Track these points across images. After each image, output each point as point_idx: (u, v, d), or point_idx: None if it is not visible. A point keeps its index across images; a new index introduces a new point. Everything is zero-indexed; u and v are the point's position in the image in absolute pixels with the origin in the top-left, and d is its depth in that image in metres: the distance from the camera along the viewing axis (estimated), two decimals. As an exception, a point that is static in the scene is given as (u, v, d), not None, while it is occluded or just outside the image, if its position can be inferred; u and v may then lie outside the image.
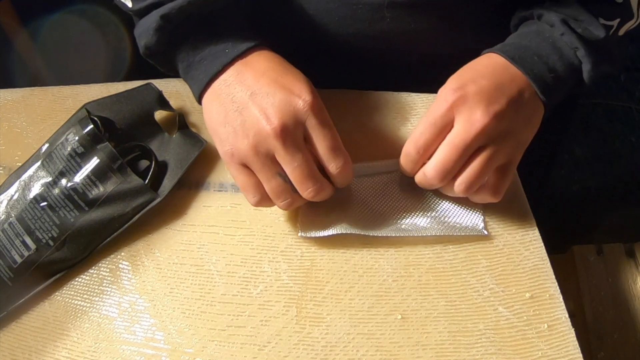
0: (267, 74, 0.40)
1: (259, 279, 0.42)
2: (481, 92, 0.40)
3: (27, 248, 0.41)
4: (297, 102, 0.38)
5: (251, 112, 0.38)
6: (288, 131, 0.38)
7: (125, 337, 0.39)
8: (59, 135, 0.44)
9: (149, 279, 0.42)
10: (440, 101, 0.40)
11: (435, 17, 0.50)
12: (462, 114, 0.39)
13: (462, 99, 0.39)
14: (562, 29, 0.43)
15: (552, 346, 0.38)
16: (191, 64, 0.43)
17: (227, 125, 0.39)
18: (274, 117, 0.37)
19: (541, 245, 0.43)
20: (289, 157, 0.38)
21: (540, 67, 0.42)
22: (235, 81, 0.40)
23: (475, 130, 0.38)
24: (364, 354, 0.38)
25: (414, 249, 0.43)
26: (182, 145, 0.47)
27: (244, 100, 0.39)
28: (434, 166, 0.40)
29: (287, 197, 0.40)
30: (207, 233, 0.44)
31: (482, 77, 0.41)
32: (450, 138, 0.39)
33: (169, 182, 0.45)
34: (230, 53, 0.41)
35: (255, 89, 0.39)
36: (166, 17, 0.41)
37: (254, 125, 0.38)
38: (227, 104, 0.40)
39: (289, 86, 0.39)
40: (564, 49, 0.43)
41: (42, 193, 0.42)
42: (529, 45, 0.43)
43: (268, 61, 0.41)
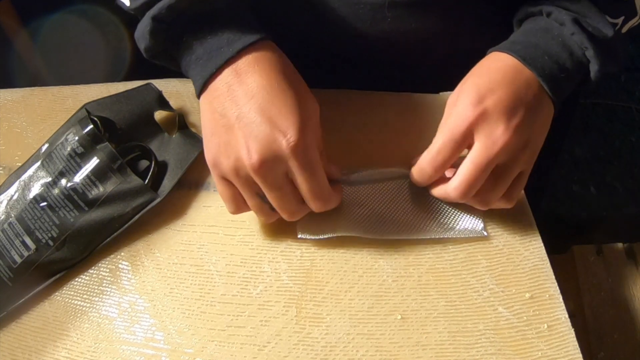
0: (258, 97, 0.38)
1: (259, 279, 0.42)
2: (501, 105, 0.39)
3: (27, 248, 0.41)
4: (280, 141, 0.36)
5: (236, 136, 0.37)
6: (267, 168, 0.37)
7: (125, 337, 0.39)
8: (59, 135, 0.44)
9: (148, 279, 0.42)
10: (458, 117, 0.39)
11: (436, 16, 0.50)
12: (484, 131, 0.39)
13: (483, 116, 0.39)
14: (572, 29, 0.42)
15: (552, 346, 0.38)
16: (189, 63, 0.41)
17: (214, 136, 0.39)
18: (255, 152, 0.36)
19: (541, 245, 0.43)
20: (267, 189, 0.38)
21: (551, 66, 0.42)
22: (226, 93, 0.38)
23: (498, 149, 0.38)
24: (363, 354, 0.38)
25: (414, 249, 0.43)
26: (182, 145, 0.47)
27: (231, 121, 0.38)
28: (457, 186, 0.39)
29: (267, 214, 0.41)
30: (207, 233, 0.44)
31: (498, 86, 0.40)
32: (473, 157, 0.39)
33: (169, 182, 0.45)
34: (224, 52, 0.39)
35: (243, 112, 0.37)
36: (157, 18, 0.39)
37: (236, 152, 0.37)
38: (217, 116, 0.39)
39: (275, 119, 0.37)
40: (573, 47, 0.43)
41: (42, 193, 0.42)
42: (538, 44, 0.43)
43: (261, 74, 0.38)
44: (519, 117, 0.39)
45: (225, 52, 0.39)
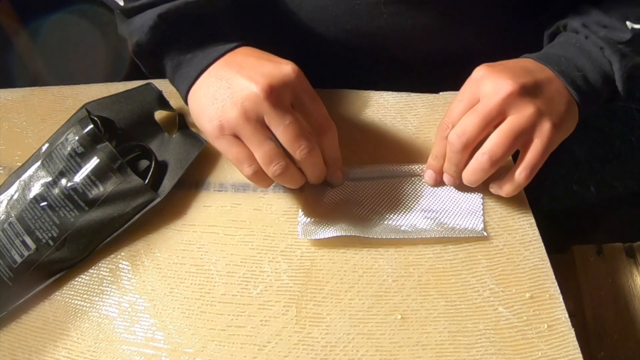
0: (255, 54, 0.42)
1: (259, 279, 0.42)
2: (506, 68, 0.41)
3: (27, 248, 0.41)
4: (285, 67, 0.39)
5: (240, 81, 0.39)
6: (277, 91, 0.38)
7: (125, 337, 0.39)
8: (59, 135, 0.44)
9: (149, 279, 0.42)
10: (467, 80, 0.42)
11: (433, 13, 0.50)
12: (487, 84, 0.40)
13: (487, 73, 0.41)
14: (585, 32, 0.44)
15: (552, 346, 0.38)
16: (181, 63, 0.44)
17: (216, 101, 0.40)
18: (263, 80, 0.38)
19: (541, 245, 0.43)
20: (279, 118, 0.38)
21: (567, 65, 0.43)
22: (223, 64, 0.41)
23: (499, 97, 0.39)
24: (364, 354, 0.38)
25: (414, 249, 0.43)
26: (182, 145, 0.47)
27: (232, 76, 0.40)
28: (454, 130, 0.41)
29: (280, 160, 0.39)
30: (207, 233, 0.44)
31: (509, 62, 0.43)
32: (477, 109, 0.41)
33: (169, 182, 0.45)
34: (220, 49, 0.43)
35: (243, 65, 0.40)
36: (163, 17, 0.42)
37: (243, 91, 0.39)
38: (215, 83, 0.40)
39: (276, 60, 0.40)
40: (591, 50, 0.44)
41: (42, 193, 0.42)
42: (555, 51, 0.45)
43: (256, 50, 0.43)
44: (525, 78, 0.41)
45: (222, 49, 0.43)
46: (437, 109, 0.50)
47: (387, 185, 0.46)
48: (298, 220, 0.44)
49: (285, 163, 0.39)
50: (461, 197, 0.45)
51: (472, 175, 0.42)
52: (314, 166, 0.41)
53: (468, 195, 0.45)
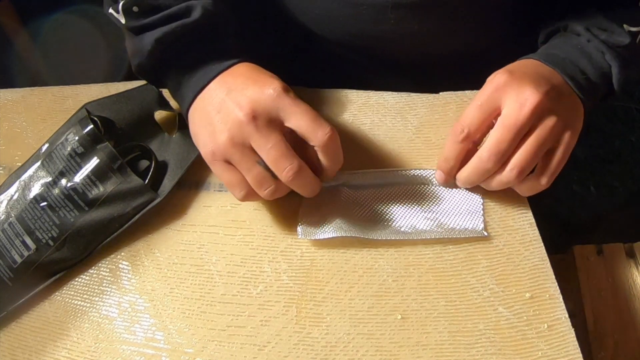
0: (244, 74, 0.42)
1: (259, 279, 0.42)
2: (526, 75, 0.41)
3: (27, 248, 0.41)
4: (267, 90, 0.39)
5: (227, 106, 0.40)
6: (260, 115, 0.39)
7: (125, 337, 0.39)
8: (59, 135, 0.44)
9: (149, 279, 0.42)
10: (486, 84, 0.41)
11: (439, 17, 0.50)
12: (511, 94, 0.40)
13: (509, 80, 0.40)
14: (587, 36, 0.44)
15: (552, 346, 0.38)
16: (180, 83, 0.44)
17: (208, 125, 0.40)
18: (246, 105, 0.39)
19: (541, 245, 0.43)
20: (263, 140, 0.38)
21: (572, 68, 0.44)
22: (216, 86, 0.42)
23: (528, 109, 0.39)
24: (364, 354, 0.38)
25: (414, 249, 0.43)
26: (182, 145, 0.47)
27: (221, 99, 0.40)
28: (488, 148, 0.40)
29: (270, 184, 0.39)
30: (207, 233, 0.44)
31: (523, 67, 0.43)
32: (503, 119, 0.40)
33: (169, 182, 0.45)
34: (216, 68, 0.43)
35: (231, 87, 0.41)
36: (161, 41, 0.43)
37: (230, 117, 0.39)
38: (208, 107, 0.41)
39: (262, 81, 0.40)
40: (592, 53, 0.44)
41: (42, 193, 0.42)
42: (558, 53, 0.45)
43: (248, 67, 0.43)
44: (545, 86, 0.40)
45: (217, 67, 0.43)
46: (437, 109, 0.50)
47: (387, 187, 0.46)
48: (298, 221, 0.44)
49: (274, 187, 0.40)
50: (461, 197, 0.45)
51: (498, 186, 0.42)
52: (303, 186, 0.41)
53: (468, 195, 0.45)
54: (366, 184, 0.45)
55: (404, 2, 0.48)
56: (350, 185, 0.45)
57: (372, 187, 0.45)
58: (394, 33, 0.51)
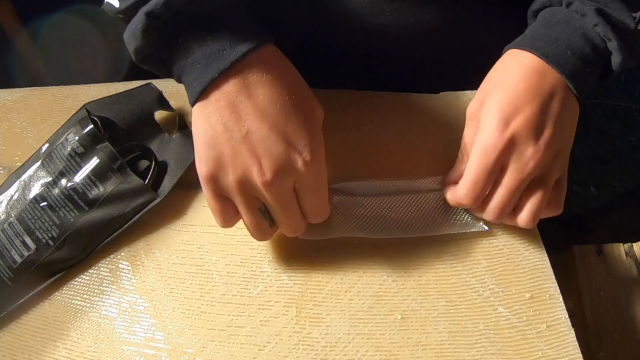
0: (270, 112, 0.35)
1: (259, 279, 0.42)
2: (528, 126, 0.38)
3: (27, 248, 0.41)
4: (296, 159, 0.35)
5: (243, 152, 0.35)
6: (279, 185, 0.35)
7: (125, 337, 0.39)
8: (59, 135, 0.44)
9: (149, 279, 0.42)
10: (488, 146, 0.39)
11: (435, 9, 0.49)
12: (514, 156, 0.39)
13: (512, 142, 0.38)
14: (595, 19, 0.40)
15: (552, 346, 0.38)
16: (184, 67, 0.37)
17: (212, 150, 0.35)
18: (268, 169, 0.35)
19: (541, 245, 0.43)
20: (275, 205, 0.37)
21: (575, 62, 0.40)
22: (231, 105, 0.35)
23: (529, 170, 0.38)
24: (364, 354, 0.38)
25: (414, 249, 0.43)
26: (182, 145, 0.47)
27: (237, 135, 0.35)
28: (493, 211, 0.40)
29: (266, 232, 0.39)
30: (207, 233, 0.44)
31: (523, 102, 0.39)
32: (505, 183, 0.39)
33: (169, 182, 0.45)
34: (226, 56, 0.35)
35: (253, 128, 0.35)
36: (152, 15, 0.35)
37: (244, 167, 0.35)
38: (218, 127, 0.35)
39: (291, 138, 0.35)
40: (595, 40, 0.41)
41: (42, 193, 0.42)
42: (559, 38, 0.41)
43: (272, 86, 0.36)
44: (548, 132, 0.39)
45: (228, 54, 0.35)
46: (437, 109, 0.50)
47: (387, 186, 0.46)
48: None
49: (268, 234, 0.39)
50: None
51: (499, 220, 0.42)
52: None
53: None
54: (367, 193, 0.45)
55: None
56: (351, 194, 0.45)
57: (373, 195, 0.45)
58: (391, 26, 0.50)
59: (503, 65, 0.42)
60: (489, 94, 0.41)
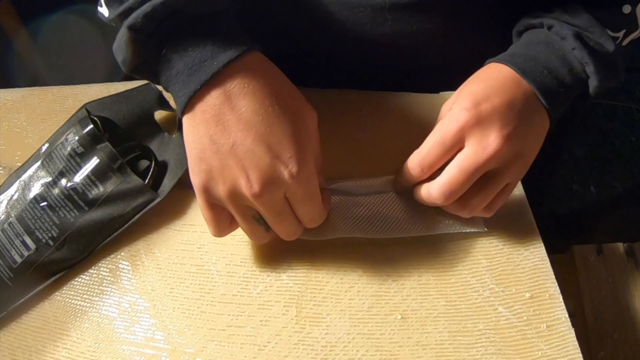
0: (253, 124, 0.35)
1: (259, 278, 0.42)
2: (494, 112, 0.39)
3: (27, 248, 0.41)
4: (282, 171, 0.35)
5: (230, 165, 0.35)
6: (268, 196, 0.35)
7: (125, 337, 0.39)
8: (59, 135, 0.44)
9: (149, 279, 0.42)
10: (451, 120, 0.39)
11: (437, 18, 0.49)
12: (474, 136, 0.38)
13: (475, 120, 0.38)
14: (574, 44, 0.42)
15: (552, 346, 0.38)
16: (169, 78, 0.37)
17: (202, 162, 0.35)
18: (255, 182, 0.35)
19: (541, 245, 0.43)
20: (267, 214, 0.37)
21: (550, 81, 0.41)
22: (216, 118, 0.35)
23: (487, 155, 0.38)
24: (364, 354, 0.38)
25: (414, 249, 0.43)
26: (182, 145, 0.47)
27: (224, 148, 0.35)
28: (439, 186, 0.39)
29: (261, 236, 0.39)
30: (207, 233, 0.44)
31: (495, 93, 0.39)
32: (460, 160, 0.38)
33: (169, 182, 0.45)
34: (207, 67, 0.35)
35: (237, 140, 0.35)
36: (134, 28, 0.35)
37: (232, 179, 0.35)
38: (205, 140, 0.35)
39: (276, 149, 0.35)
40: (573, 62, 0.42)
41: (42, 193, 0.42)
42: (538, 57, 0.42)
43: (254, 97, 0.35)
44: (513, 126, 0.39)
45: (209, 65, 0.35)
46: (437, 109, 0.50)
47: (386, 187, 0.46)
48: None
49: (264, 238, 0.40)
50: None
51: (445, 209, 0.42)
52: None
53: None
54: (365, 192, 0.45)
55: (401, 3, 0.48)
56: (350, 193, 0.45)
57: (372, 193, 0.45)
58: (394, 36, 0.50)
59: (480, 72, 0.43)
60: (463, 87, 0.42)
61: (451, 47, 0.53)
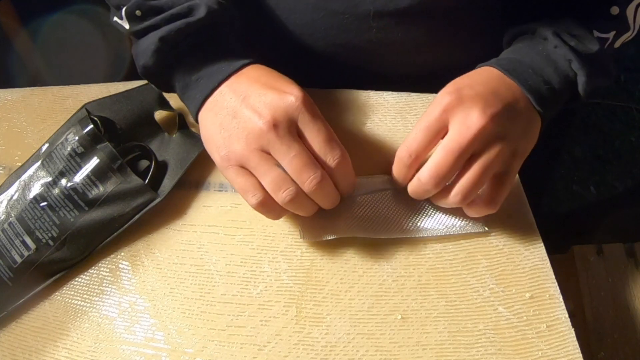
0: (260, 80, 0.41)
1: (259, 279, 0.42)
2: (477, 95, 0.39)
3: (27, 248, 0.41)
4: (288, 98, 0.38)
5: (244, 113, 0.39)
6: (281, 124, 0.38)
7: (125, 337, 0.39)
8: (59, 135, 0.44)
9: (149, 279, 0.42)
10: (434, 104, 0.40)
11: (422, 26, 0.49)
12: (457, 116, 0.38)
13: (457, 101, 0.39)
14: (555, 42, 0.43)
15: (552, 346, 0.38)
16: (188, 84, 0.43)
17: (223, 131, 0.40)
18: (266, 113, 0.38)
19: (541, 245, 0.43)
20: (285, 148, 0.38)
21: (535, 79, 0.42)
22: (229, 90, 0.41)
23: (472, 133, 0.38)
24: (364, 354, 0.38)
25: (414, 249, 0.43)
26: (182, 145, 0.47)
27: (237, 105, 0.40)
28: (428, 170, 0.39)
29: (289, 185, 0.38)
30: (207, 233, 0.44)
31: (478, 83, 0.40)
32: (445, 142, 0.38)
33: (169, 182, 0.45)
34: (225, 70, 0.42)
35: (247, 93, 0.40)
36: (164, 39, 0.42)
37: (248, 124, 0.38)
38: (222, 111, 0.40)
39: (280, 87, 0.40)
40: (558, 61, 0.43)
41: (42, 193, 0.42)
42: (522, 60, 0.43)
43: (260, 70, 0.42)
44: (495, 107, 0.39)
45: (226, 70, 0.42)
46: (437, 109, 0.50)
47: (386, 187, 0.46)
48: (299, 224, 0.44)
49: (295, 188, 0.38)
50: None
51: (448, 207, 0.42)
52: (325, 196, 0.40)
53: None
54: (366, 191, 0.45)
55: (386, 11, 0.47)
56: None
57: (373, 192, 0.45)
58: (379, 43, 0.50)
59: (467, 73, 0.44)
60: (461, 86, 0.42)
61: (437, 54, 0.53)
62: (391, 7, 0.47)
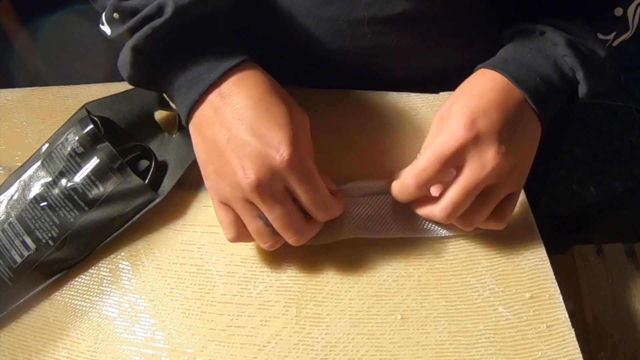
0: (245, 117, 0.37)
1: (259, 279, 0.42)
2: (493, 130, 0.39)
3: (27, 248, 0.41)
4: (273, 156, 0.36)
5: (229, 158, 0.37)
6: (265, 186, 0.36)
7: (125, 337, 0.39)
8: (59, 135, 0.44)
9: (149, 279, 0.42)
10: (451, 137, 0.39)
11: (417, 32, 0.49)
12: (474, 154, 0.38)
13: (475, 139, 0.38)
14: (565, 51, 0.42)
15: (552, 346, 0.38)
16: (172, 92, 0.41)
17: (209, 163, 0.39)
18: (250, 171, 0.36)
19: (541, 245, 0.43)
20: (267, 209, 0.37)
21: (542, 88, 0.42)
22: (214, 117, 0.38)
23: (487, 172, 0.38)
24: (364, 354, 0.38)
25: (414, 249, 0.43)
26: (182, 145, 0.47)
27: (222, 144, 0.37)
28: (443, 209, 0.39)
29: (269, 239, 0.39)
30: (207, 233, 0.44)
31: (492, 108, 0.39)
32: (462, 180, 0.39)
33: (169, 182, 0.45)
34: (206, 78, 0.38)
35: (232, 134, 0.37)
36: (137, 49, 0.38)
37: (232, 174, 0.37)
38: (208, 141, 0.38)
39: (266, 137, 0.36)
40: (564, 68, 0.43)
41: (42, 193, 0.42)
42: (530, 64, 0.42)
43: (246, 94, 0.38)
44: (510, 141, 0.39)
45: (207, 78, 0.38)
46: (437, 109, 0.50)
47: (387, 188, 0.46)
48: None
49: (273, 242, 0.39)
50: None
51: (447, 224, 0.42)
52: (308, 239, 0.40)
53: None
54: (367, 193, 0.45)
55: (380, 17, 0.47)
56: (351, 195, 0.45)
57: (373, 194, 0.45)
58: (374, 49, 0.50)
59: (474, 78, 0.43)
60: (458, 98, 0.41)
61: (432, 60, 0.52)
62: (385, 13, 0.47)
